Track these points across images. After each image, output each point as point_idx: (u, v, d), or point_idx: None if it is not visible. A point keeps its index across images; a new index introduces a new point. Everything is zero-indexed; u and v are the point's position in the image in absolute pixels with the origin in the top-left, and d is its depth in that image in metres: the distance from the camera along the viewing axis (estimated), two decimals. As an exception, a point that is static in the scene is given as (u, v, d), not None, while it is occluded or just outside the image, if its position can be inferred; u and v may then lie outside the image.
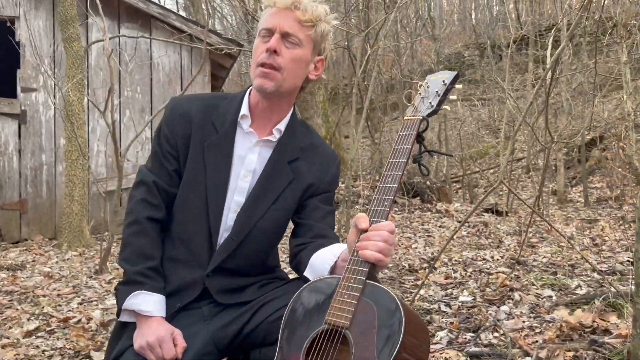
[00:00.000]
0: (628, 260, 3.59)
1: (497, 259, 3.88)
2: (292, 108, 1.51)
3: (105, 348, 2.65)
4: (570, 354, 2.16)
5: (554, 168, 9.23)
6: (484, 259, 3.92)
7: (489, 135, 13.43)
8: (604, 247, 4.65)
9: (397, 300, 1.16)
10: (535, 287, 3.03)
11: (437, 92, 1.34)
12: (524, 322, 2.54)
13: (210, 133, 1.43)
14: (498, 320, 2.57)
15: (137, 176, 1.48)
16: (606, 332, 2.34)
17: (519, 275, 3.28)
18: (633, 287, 2.88)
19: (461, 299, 2.92)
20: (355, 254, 1.21)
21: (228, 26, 17.01)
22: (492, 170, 11.70)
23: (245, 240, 1.44)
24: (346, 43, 9.48)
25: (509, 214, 7.23)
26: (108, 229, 4.77)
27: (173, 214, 1.47)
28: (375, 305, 1.17)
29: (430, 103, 1.33)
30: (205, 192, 1.42)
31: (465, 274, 3.43)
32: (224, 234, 1.44)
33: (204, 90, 6.71)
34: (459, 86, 1.37)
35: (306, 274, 1.39)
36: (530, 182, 10.21)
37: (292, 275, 1.56)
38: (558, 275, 3.27)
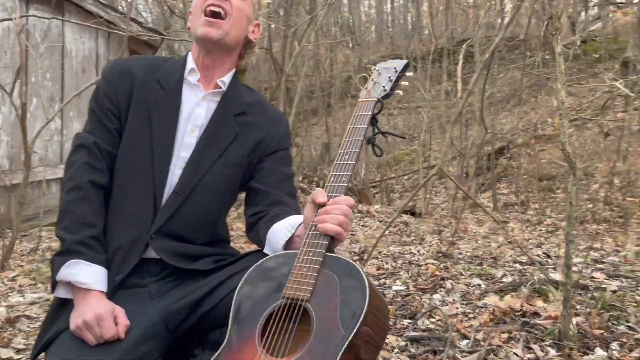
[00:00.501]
0: (544, 253, 3.80)
1: (423, 253, 3.95)
2: (235, 69, 1.46)
3: (13, 344, 2.39)
4: (505, 335, 2.21)
5: (465, 175, 9.68)
6: (411, 253, 3.98)
7: (405, 142, 13.87)
8: (516, 245, 4.91)
9: (360, 270, 1.10)
10: (463, 276, 3.11)
11: (389, 77, 1.36)
12: (457, 308, 2.58)
13: (155, 90, 1.37)
14: (433, 306, 2.60)
15: (74, 142, 1.36)
16: (535, 314, 2.43)
17: (447, 265, 3.35)
18: (557, 274, 3.03)
19: (395, 288, 2.93)
20: (314, 228, 1.16)
21: (143, 22, 16.37)
22: (407, 177, 12.06)
23: (190, 195, 1.34)
24: (268, 44, 9.40)
25: (426, 216, 7.48)
26: (12, 224, 4.36)
27: (113, 177, 1.35)
28: (336, 276, 1.11)
29: (383, 87, 1.35)
30: (150, 151, 1.33)
31: (396, 265, 3.46)
32: (169, 192, 1.33)
33: (121, 81, 6.36)
34: (409, 74, 1.39)
35: (266, 250, 1.31)
36: (443, 188, 10.64)
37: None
38: (483, 266, 3.38)
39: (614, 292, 2.68)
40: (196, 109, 1.38)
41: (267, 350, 1.09)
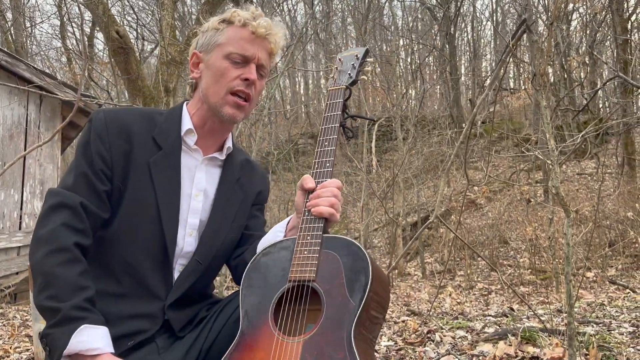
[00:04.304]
0: (509, 307, 3.93)
1: (393, 311, 3.95)
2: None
3: None
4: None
5: (391, 244, 9.92)
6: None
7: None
8: (466, 304, 5.05)
9: (359, 245, 1.18)
10: (444, 330, 3.14)
11: (352, 64, 1.45)
12: (455, 359, 2.59)
13: (153, 150, 1.32)
14: (430, 358, 2.59)
15: (51, 198, 1.24)
16: (534, 359, 2.49)
17: (424, 321, 3.37)
18: (531, 323, 3.13)
19: (384, 344, 2.88)
20: (307, 213, 1.24)
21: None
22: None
23: (209, 263, 1.38)
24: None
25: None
26: None
27: (109, 244, 1.29)
28: (337, 253, 1.19)
29: (349, 74, 1.44)
30: (157, 216, 1.29)
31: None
32: (178, 260, 1.34)
33: (52, 150, 6.03)
34: (370, 59, 1.49)
35: None
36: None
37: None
38: (458, 320, 3.44)
39: (593, 335, 2.82)
40: (197, 172, 1.37)
41: (283, 332, 1.14)
